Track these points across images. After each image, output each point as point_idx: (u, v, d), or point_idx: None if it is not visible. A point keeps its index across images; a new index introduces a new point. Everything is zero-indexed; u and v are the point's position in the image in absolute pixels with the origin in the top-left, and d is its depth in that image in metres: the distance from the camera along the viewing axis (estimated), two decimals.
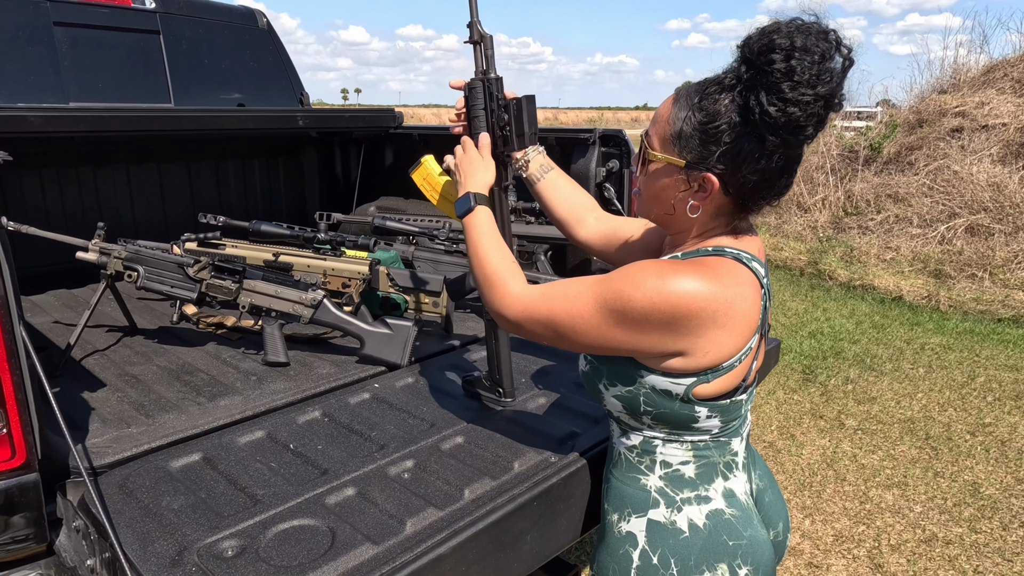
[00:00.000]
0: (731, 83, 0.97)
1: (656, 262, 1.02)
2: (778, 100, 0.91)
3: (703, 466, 1.09)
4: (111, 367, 1.80)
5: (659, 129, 1.04)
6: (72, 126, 2.32)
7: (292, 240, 2.22)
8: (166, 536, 1.09)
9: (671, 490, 1.08)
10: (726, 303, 0.97)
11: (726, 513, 1.08)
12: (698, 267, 0.99)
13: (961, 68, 8.65)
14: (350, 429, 1.47)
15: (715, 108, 0.97)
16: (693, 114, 0.99)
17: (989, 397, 3.96)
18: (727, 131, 0.96)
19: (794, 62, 0.89)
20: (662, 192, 1.05)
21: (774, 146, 0.95)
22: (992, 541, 2.68)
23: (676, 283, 0.96)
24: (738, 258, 1.03)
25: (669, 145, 1.02)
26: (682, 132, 1.00)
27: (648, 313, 0.96)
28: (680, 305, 0.95)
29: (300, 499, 1.19)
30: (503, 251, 1.18)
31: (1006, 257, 5.95)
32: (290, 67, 3.70)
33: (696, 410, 1.04)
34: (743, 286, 1.00)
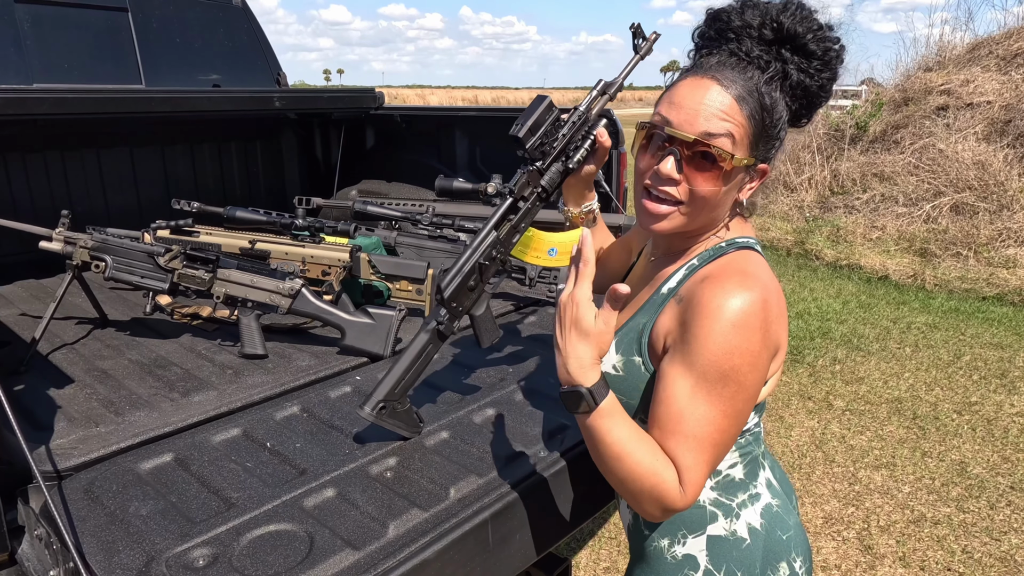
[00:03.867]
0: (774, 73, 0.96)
1: (703, 315, 0.89)
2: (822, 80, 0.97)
3: (749, 463, 1.04)
4: (80, 362, 1.72)
5: (732, 127, 0.91)
6: (36, 108, 2.21)
7: (269, 226, 2.15)
8: (133, 545, 1.03)
9: (726, 498, 1.02)
10: (776, 300, 0.94)
11: (774, 506, 1.04)
12: (737, 278, 0.92)
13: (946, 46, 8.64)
14: (330, 425, 1.41)
15: (776, 98, 0.96)
16: (766, 107, 0.95)
17: (975, 376, 3.97)
18: (788, 120, 0.99)
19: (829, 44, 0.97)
20: (728, 194, 0.97)
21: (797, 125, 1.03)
22: (980, 520, 2.69)
23: (741, 312, 0.88)
24: (748, 246, 1.00)
25: (749, 144, 0.95)
26: (763, 132, 0.96)
27: (752, 359, 0.89)
28: (759, 325, 0.89)
29: (276, 502, 1.13)
30: (647, 447, 0.90)
31: (990, 235, 5.97)
32: (266, 46, 3.58)
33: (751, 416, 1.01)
34: (772, 275, 0.97)
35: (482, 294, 1.31)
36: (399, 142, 3.16)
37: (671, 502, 0.88)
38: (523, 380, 1.63)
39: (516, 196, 1.25)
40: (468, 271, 1.25)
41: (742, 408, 0.91)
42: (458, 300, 1.26)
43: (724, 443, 0.91)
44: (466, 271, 1.25)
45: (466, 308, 1.29)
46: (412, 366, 1.26)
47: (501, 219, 1.27)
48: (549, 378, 1.65)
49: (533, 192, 1.26)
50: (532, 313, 2.13)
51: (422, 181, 3.00)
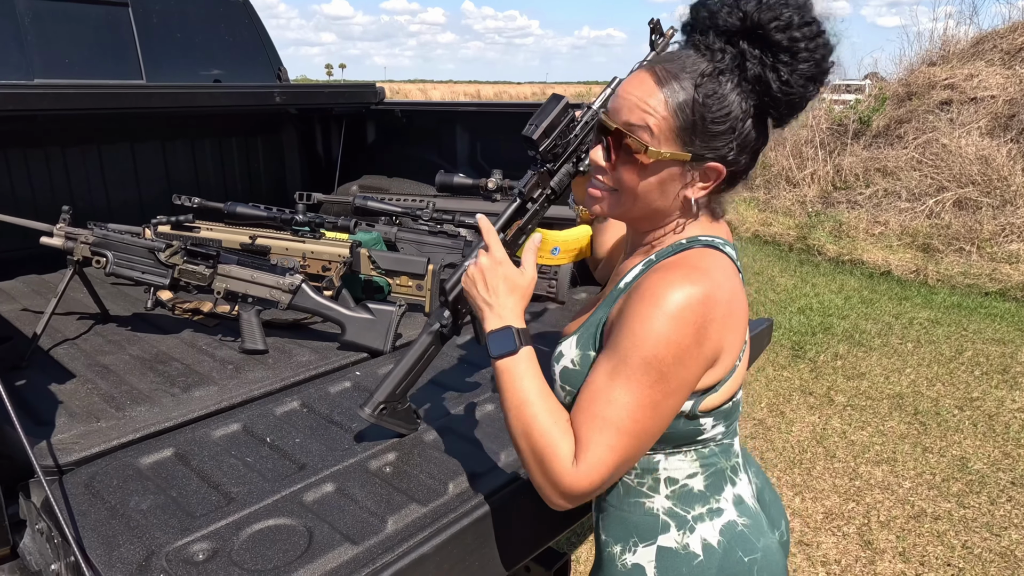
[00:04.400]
0: (731, 63, 0.88)
1: (641, 300, 0.88)
2: (789, 75, 0.86)
3: (712, 475, 0.98)
4: (81, 357, 1.73)
5: (651, 119, 0.89)
6: (37, 104, 2.22)
7: (269, 222, 2.15)
8: (133, 539, 1.03)
9: (681, 509, 0.97)
10: (727, 301, 0.89)
11: (739, 524, 0.98)
12: (685, 271, 0.89)
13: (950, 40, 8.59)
14: (330, 420, 1.41)
15: (722, 92, 0.87)
16: (700, 101, 0.87)
17: (977, 371, 3.97)
18: (742, 117, 0.89)
19: (799, 34, 0.84)
20: (656, 189, 0.92)
21: (775, 125, 0.91)
22: (980, 516, 2.69)
23: (678, 304, 0.85)
24: (712, 245, 0.95)
25: (672, 139, 0.89)
26: (693, 124, 0.88)
27: (680, 354, 0.86)
28: (697, 320, 0.86)
29: (276, 497, 1.14)
30: (551, 406, 0.93)
31: (993, 231, 5.95)
32: (267, 41, 3.58)
33: (702, 423, 0.95)
34: (730, 277, 0.92)
35: None
36: (400, 137, 3.16)
37: (559, 473, 0.88)
38: None
39: (526, 198, 1.25)
40: None
41: (660, 401, 0.87)
42: (462, 303, 1.26)
43: (635, 433, 0.88)
44: None
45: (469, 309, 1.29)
46: (414, 368, 1.27)
47: (509, 221, 1.26)
48: None
49: (543, 194, 1.25)
50: (532, 309, 2.13)
51: (423, 176, 3.00)
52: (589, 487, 0.89)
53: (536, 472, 0.91)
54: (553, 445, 0.90)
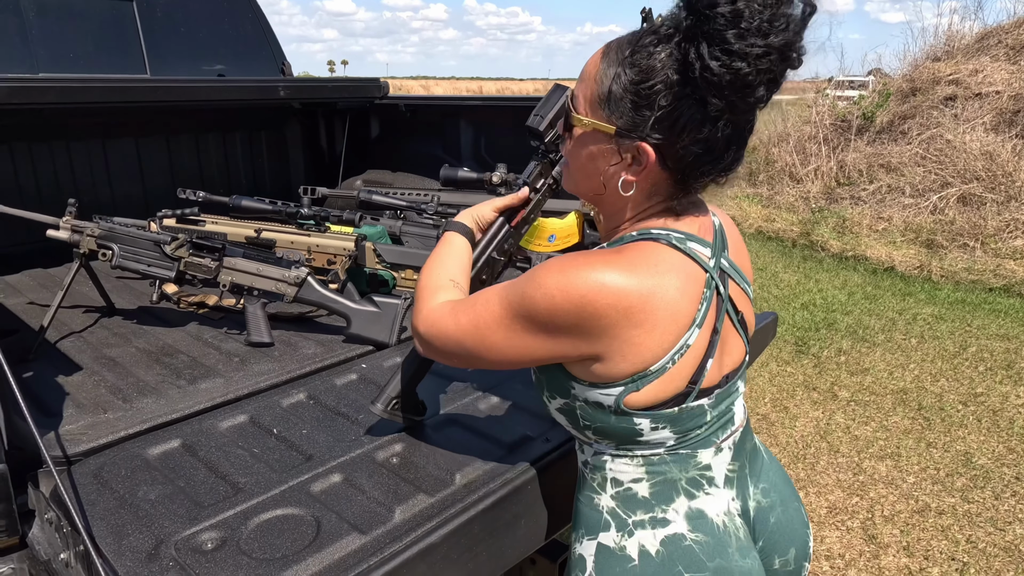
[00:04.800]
0: (668, 32, 0.81)
1: (565, 257, 0.88)
2: (722, 53, 0.75)
3: (658, 484, 0.94)
4: (87, 349, 1.73)
5: (585, 88, 0.89)
6: (42, 97, 2.22)
7: (274, 215, 2.15)
8: (142, 529, 1.04)
9: (623, 511, 0.95)
10: (641, 297, 0.83)
11: (687, 539, 0.93)
12: (610, 257, 0.86)
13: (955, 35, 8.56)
14: (336, 412, 1.42)
15: (649, 64, 0.81)
16: (624, 71, 0.83)
17: (981, 367, 3.96)
18: (663, 92, 0.81)
19: (741, 4, 0.73)
20: (590, 163, 0.91)
21: (718, 110, 0.79)
22: (984, 511, 2.69)
23: (579, 279, 0.83)
24: (667, 240, 0.88)
25: (596, 107, 0.87)
26: (611, 93, 0.84)
27: (553, 315, 0.85)
28: (584, 304, 0.83)
29: (284, 487, 1.14)
30: (448, 271, 1.09)
31: (998, 226, 5.94)
32: (271, 36, 3.58)
33: (636, 422, 0.90)
34: (665, 274, 0.85)
35: None
36: (404, 132, 3.16)
37: (415, 311, 1.05)
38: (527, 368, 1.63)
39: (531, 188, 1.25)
40: (481, 265, 1.25)
41: (517, 330, 0.90)
42: None
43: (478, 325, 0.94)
44: (479, 266, 1.25)
45: None
46: (424, 360, 1.27)
47: (514, 211, 1.26)
48: None
49: (545, 183, 1.26)
50: None
51: (427, 171, 3.00)
52: (423, 331, 1.01)
53: (417, 300, 1.06)
54: (431, 289, 1.05)
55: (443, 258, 1.11)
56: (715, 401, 0.94)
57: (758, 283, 5.51)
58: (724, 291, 0.92)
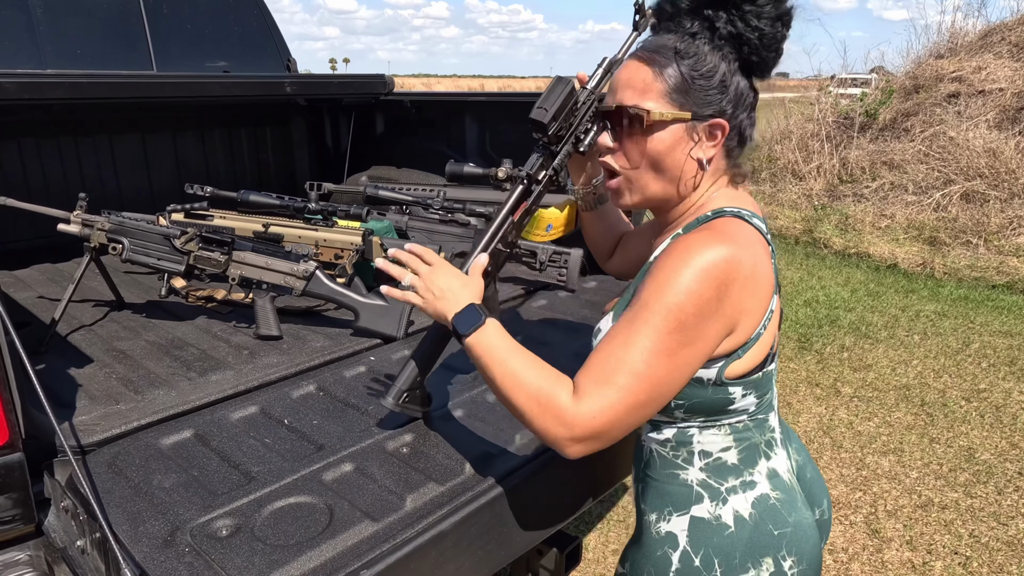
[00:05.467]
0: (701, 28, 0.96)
1: (668, 256, 0.91)
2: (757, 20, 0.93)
3: (745, 449, 1.00)
4: (98, 342, 1.75)
5: (647, 91, 0.96)
6: (50, 93, 2.23)
7: (282, 210, 2.16)
8: (158, 516, 1.05)
9: (715, 481, 1.00)
10: (751, 265, 0.90)
11: (771, 497, 1.00)
12: (710, 234, 0.92)
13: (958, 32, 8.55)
14: (346, 403, 1.43)
15: (702, 53, 0.95)
16: (680, 64, 0.95)
17: (984, 363, 3.97)
18: (729, 73, 0.96)
19: None
20: (668, 155, 0.97)
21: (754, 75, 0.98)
22: (987, 505, 2.70)
23: (704, 261, 0.88)
24: (739, 215, 0.97)
25: (668, 101, 0.96)
26: (683, 83, 0.95)
27: (700, 307, 0.87)
28: (719, 277, 0.88)
29: (296, 476, 1.16)
30: (532, 360, 0.96)
31: (1001, 224, 5.94)
32: (276, 32, 3.59)
33: (730, 391, 0.96)
34: (755, 244, 0.94)
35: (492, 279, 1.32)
36: (409, 128, 3.17)
37: (562, 409, 0.89)
38: None
39: (532, 180, 1.26)
40: None
41: (677, 351, 0.88)
42: None
43: (648, 378, 0.88)
44: None
45: None
46: (431, 353, 1.28)
47: (516, 204, 1.27)
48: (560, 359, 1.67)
49: (547, 175, 1.27)
50: (542, 297, 2.14)
51: (432, 167, 3.01)
52: (598, 427, 0.89)
53: (539, 417, 0.91)
54: (549, 385, 0.92)
55: (519, 353, 0.98)
56: (776, 365, 1.02)
57: None
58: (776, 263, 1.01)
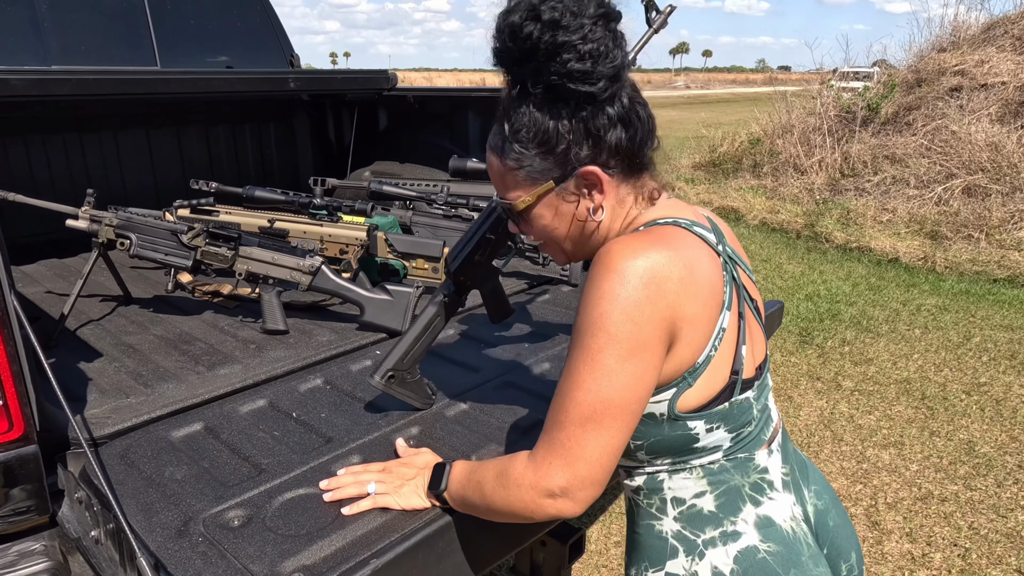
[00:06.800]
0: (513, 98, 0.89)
1: (594, 267, 0.85)
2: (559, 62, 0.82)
3: (723, 494, 0.90)
4: (107, 337, 1.77)
5: (505, 181, 0.93)
6: (56, 89, 2.24)
7: (287, 206, 2.18)
8: (170, 506, 1.07)
9: (690, 532, 0.90)
10: (686, 267, 0.83)
11: (760, 551, 0.88)
12: (640, 238, 0.86)
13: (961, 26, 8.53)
14: (353, 397, 1.45)
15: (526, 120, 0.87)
16: (516, 142, 0.89)
17: (984, 357, 3.98)
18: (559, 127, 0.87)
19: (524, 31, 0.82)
20: (558, 223, 0.93)
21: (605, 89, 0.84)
22: (987, 498, 2.72)
23: (627, 268, 0.81)
24: (676, 223, 0.90)
25: (525, 182, 0.91)
26: (526, 159, 0.89)
27: (630, 316, 0.80)
28: (646, 284, 0.80)
29: (305, 467, 1.18)
30: (484, 471, 0.96)
31: (1003, 218, 5.94)
32: (279, 28, 3.60)
33: (690, 427, 0.87)
34: (693, 248, 0.86)
35: (491, 270, 1.33)
36: (412, 123, 3.18)
37: (519, 473, 0.87)
38: (538, 355, 1.67)
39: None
40: (474, 245, 1.28)
41: (616, 367, 0.80)
42: (465, 274, 1.29)
43: (593, 406, 0.82)
44: (472, 245, 1.28)
45: (474, 282, 1.32)
46: (420, 337, 1.30)
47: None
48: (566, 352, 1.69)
49: None
50: (545, 292, 2.16)
51: (435, 162, 3.02)
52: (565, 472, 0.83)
53: (511, 495, 0.89)
54: (503, 464, 0.92)
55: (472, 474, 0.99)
56: (757, 393, 0.93)
57: (763, 274, 5.53)
58: (737, 277, 0.93)
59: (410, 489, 1.07)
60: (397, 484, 1.07)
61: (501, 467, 0.92)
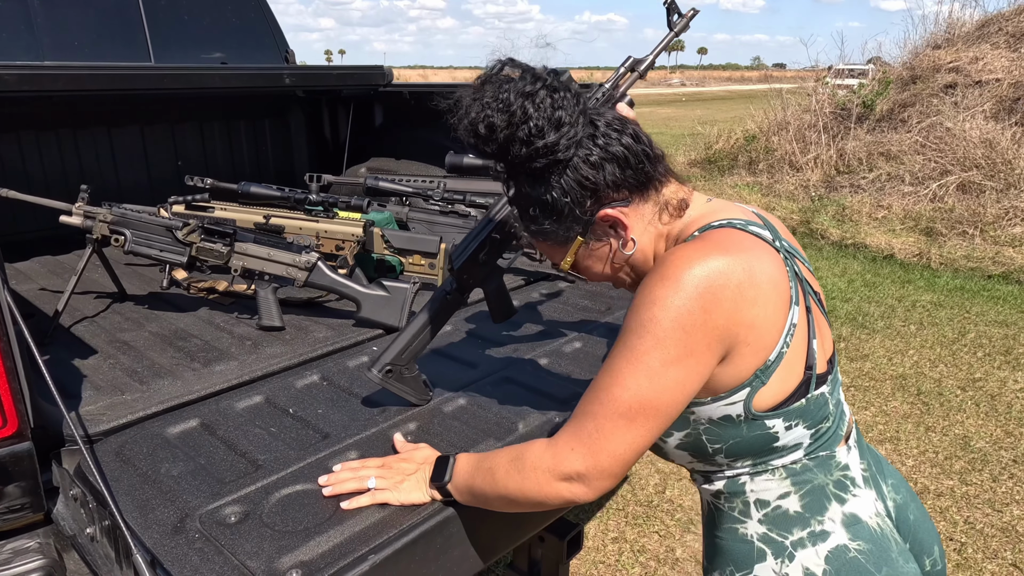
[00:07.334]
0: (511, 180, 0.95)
1: (652, 273, 0.86)
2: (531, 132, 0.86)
3: (808, 493, 0.89)
4: (101, 334, 1.76)
5: (546, 250, 1.01)
6: (49, 84, 2.23)
7: (283, 202, 2.17)
8: (167, 503, 1.07)
9: (777, 534, 0.89)
10: (745, 271, 0.83)
11: (851, 549, 0.87)
12: (697, 246, 0.86)
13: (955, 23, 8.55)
14: (350, 393, 1.45)
15: (528, 199, 0.93)
16: (533, 225, 0.95)
17: (979, 353, 4.00)
18: (554, 194, 0.90)
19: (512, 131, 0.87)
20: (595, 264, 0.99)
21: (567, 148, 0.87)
22: (982, 492, 2.73)
23: (684, 275, 0.81)
24: (731, 225, 0.90)
25: (561, 247, 0.97)
26: (549, 233, 0.95)
27: (681, 323, 0.81)
28: (701, 294, 0.80)
29: (302, 464, 1.17)
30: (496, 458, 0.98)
31: (997, 214, 5.96)
32: (274, 24, 3.58)
33: (769, 426, 0.87)
34: (753, 249, 0.86)
35: (495, 269, 1.32)
36: (408, 119, 3.17)
37: (535, 457, 0.90)
38: (535, 350, 1.66)
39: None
40: (479, 244, 1.27)
41: (660, 370, 0.81)
42: (468, 272, 1.28)
43: (627, 403, 0.83)
44: (477, 244, 1.27)
45: (477, 281, 1.31)
46: (420, 333, 1.30)
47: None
48: (564, 348, 1.68)
49: None
50: (542, 287, 2.16)
51: (430, 158, 3.01)
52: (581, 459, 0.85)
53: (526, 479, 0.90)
54: (518, 450, 0.94)
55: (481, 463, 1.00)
56: (830, 388, 0.92)
57: None
58: (799, 271, 0.92)
59: (410, 484, 1.06)
60: (397, 480, 1.07)
61: (516, 452, 0.94)
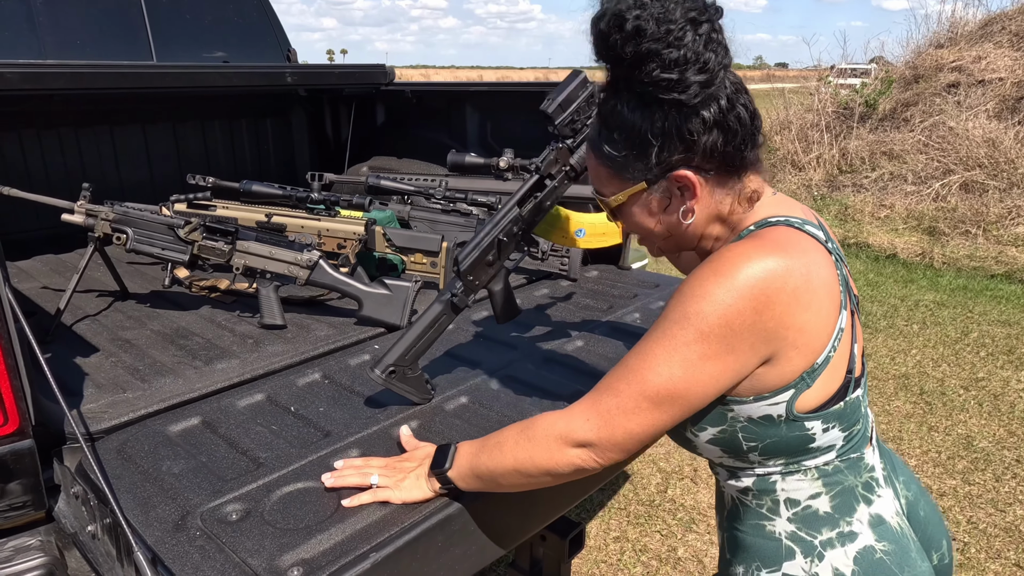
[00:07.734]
0: (606, 100, 0.89)
1: (709, 264, 0.85)
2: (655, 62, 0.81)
3: (839, 495, 0.90)
4: (103, 332, 1.76)
5: (600, 177, 0.94)
6: (51, 83, 2.23)
7: (284, 200, 2.16)
8: (168, 501, 1.07)
9: (807, 533, 0.89)
10: (803, 276, 0.82)
11: (877, 550, 0.88)
12: (756, 244, 0.84)
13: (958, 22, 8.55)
14: (351, 391, 1.44)
15: (621, 119, 0.87)
16: (610, 142, 0.89)
17: (982, 352, 3.99)
18: (651, 128, 0.85)
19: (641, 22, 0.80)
20: (651, 222, 0.93)
21: (696, 95, 0.82)
22: (985, 492, 2.72)
23: (741, 272, 0.80)
24: (788, 223, 0.88)
25: (620, 180, 0.91)
26: (619, 159, 0.89)
27: (728, 320, 0.80)
28: (755, 295, 0.79)
29: (304, 461, 1.17)
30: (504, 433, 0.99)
31: (1000, 213, 5.95)
32: (276, 23, 3.58)
33: (808, 427, 0.86)
34: (810, 252, 0.85)
35: (500, 270, 1.32)
36: (410, 118, 3.16)
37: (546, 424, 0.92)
38: (537, 349, 1.66)
39: (543, 173, 1.25)
40: (486, 246, 1.27)
41: (696, 363, 0.81)
42: (474, 274, 1.28)
43: (657, 387, 0.83)
44: (484, 246, 1.27)
45: (483, 282, 1.31)
46: (424, 334, 1.29)
47: (526, 196, 1.27)
48: (566, 346, 1.68)
49: (561, 170, 1.26)
50: (544, 286, 2.15)
51: (432, 157, 3.01)
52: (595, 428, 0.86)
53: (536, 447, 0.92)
54: (528, 421, 0.96)
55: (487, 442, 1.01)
56: (863, 391, 0.92)
57: None
58: (846, 275, 0.91)
59: (411, 481, 1.06)
60: (399, 478, 1.07)
61: (525, 424, 0.97)
